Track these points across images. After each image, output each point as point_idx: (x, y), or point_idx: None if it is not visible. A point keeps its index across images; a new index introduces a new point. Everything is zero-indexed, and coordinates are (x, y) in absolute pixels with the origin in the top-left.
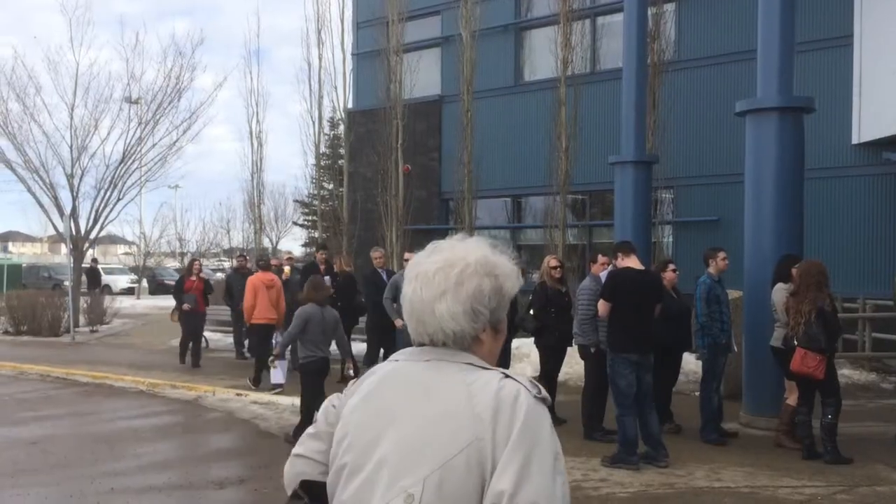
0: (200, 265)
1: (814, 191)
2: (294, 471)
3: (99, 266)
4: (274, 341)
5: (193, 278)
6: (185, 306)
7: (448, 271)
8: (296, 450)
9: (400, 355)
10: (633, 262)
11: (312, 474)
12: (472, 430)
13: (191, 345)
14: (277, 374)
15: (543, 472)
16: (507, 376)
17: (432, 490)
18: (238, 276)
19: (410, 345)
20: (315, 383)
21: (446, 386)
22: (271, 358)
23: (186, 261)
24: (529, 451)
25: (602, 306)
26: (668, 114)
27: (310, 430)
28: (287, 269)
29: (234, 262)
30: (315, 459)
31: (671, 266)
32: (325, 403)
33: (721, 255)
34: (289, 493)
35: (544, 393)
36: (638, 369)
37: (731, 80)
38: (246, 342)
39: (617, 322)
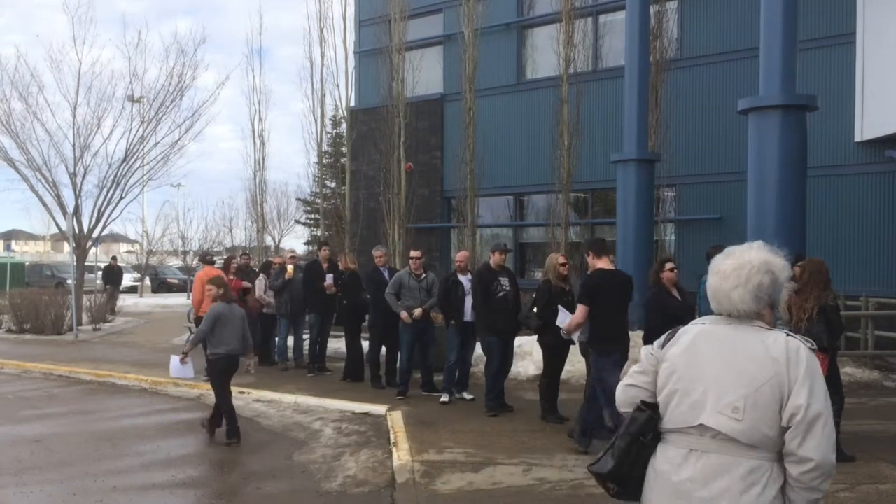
0: (237, 262)
1: (816, 189)
2: (629, 395)
3: (119, 264)
4: None
5: (231, 277)
6: None
7: (740, 271)
8: (627, 381)
9: (705, 320)
10: (604, 264)
11: (642, 396)
12: (773, 369)
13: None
14: (188, 369)
15: (822, 394)
16: (788, 334)
17: (750, 404)
18: (240, 275)
19: (412, 344)
20: (223, 379)
21: (748, 340)
22: (182, 354)
23: (188, 259)
24: (812, 381)
25: (581, 311)
26: (670, 112)
27: (636, 367)
28: (290, 268)
29: (238, 260)
30: (643, 387)
31: (668, 265)
32: (645, 352)
33: None
34: (622, 410)
35: (814, 345)
36: (620, 366)
37: (734, 78)
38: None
39: (598, 324)
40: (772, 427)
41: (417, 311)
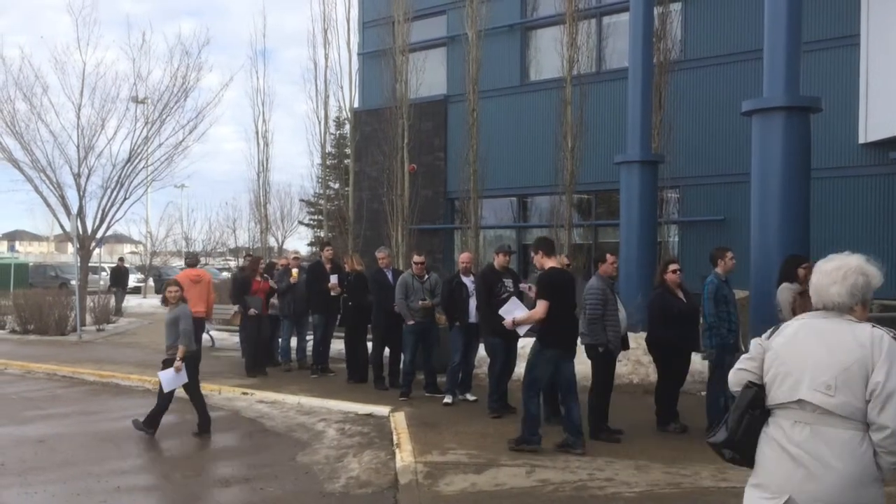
0: (265, 263)
1: (820, 190)
2: (739, 377)
3: (126, 265)
4: (206, 333)
5: (258, 278)
6: (252, 311)
7: (838, 271)
8: (738, 366)
9: (804, 316)
10: (555, 262)
11: (750, 378)
12: (860, 352)
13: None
14: (182, 375)
15: None
16: (874, 326)
17: (841, 381)
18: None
19: (416, 345)
20: (196, 372)
21: (839, 330)
22: (178, 360)
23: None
24: (891, 363)
25: (542, 306)
26: (674, 113)
27: (746, 355)
28: (295, 271)
29: (245, 261)
30: (751, 371)
31: (671, 267)
32: (754, 342)
33: (729, 254)
34: (733, 389)
35: None
36: (561, 362)
37: (738, 80)
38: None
39: (550, 320)
40: (860, 400)
41: (426, 302)
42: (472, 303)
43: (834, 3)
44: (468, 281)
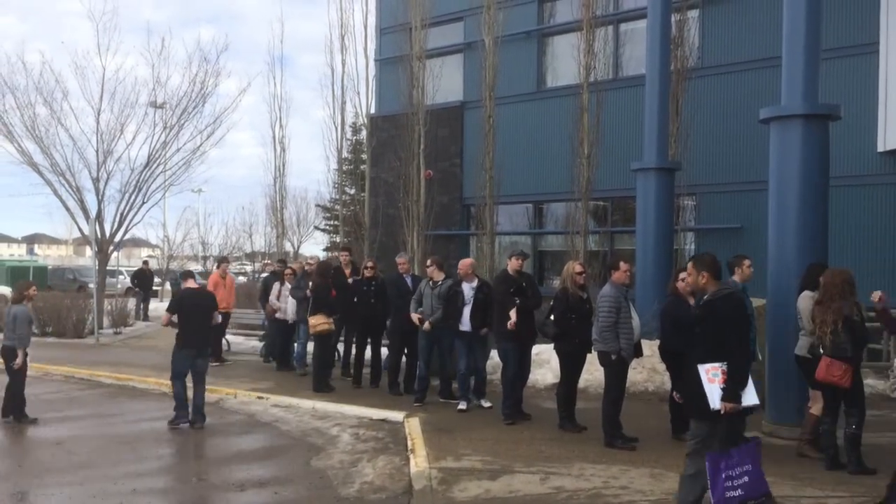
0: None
1: (838, 199)
2: None
3: (150, 268)
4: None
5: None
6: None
7: None
8: None
9: None
10: (192, 284)
11: None
12: None
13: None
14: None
15: None
16: None
17: None
18: (276, 280)
19: (429, 350)
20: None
21: None
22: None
23: (208, 264)
24: None
25: (166, 316)
26: (691, 120)
27: None
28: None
29: (276, 266)
30: None
31: (681, 275)
32: None
33: (746, 262)
34: None
35: None
36: (195, 358)
37: (756, 87)
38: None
39: (180, 327)
40: None
41: (426, 325)
42: (467, 311)
43: (853, 10)
44: (467, 287)
